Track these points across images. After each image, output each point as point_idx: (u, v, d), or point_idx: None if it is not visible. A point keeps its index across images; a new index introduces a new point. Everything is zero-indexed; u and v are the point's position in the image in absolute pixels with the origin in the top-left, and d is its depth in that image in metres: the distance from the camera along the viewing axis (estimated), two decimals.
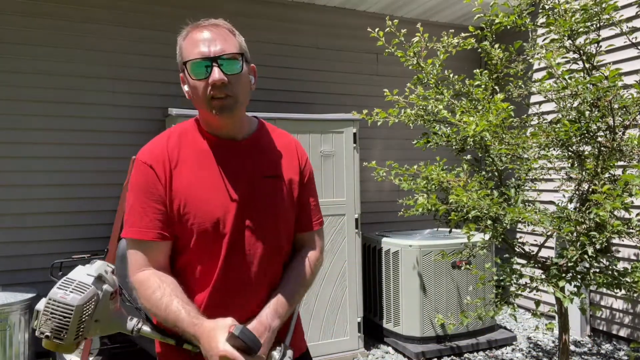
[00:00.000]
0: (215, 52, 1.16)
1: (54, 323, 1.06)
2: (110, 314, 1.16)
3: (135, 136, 4.00)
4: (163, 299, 1.12)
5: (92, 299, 1.09)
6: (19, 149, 3.67)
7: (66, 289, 1.08)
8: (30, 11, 3.71)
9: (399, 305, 3.91)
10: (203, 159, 1.24)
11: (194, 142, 1.25)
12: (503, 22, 2.69)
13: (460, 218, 2.55)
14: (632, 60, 3.80)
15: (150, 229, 1.17)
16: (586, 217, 2.29)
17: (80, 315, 1.07)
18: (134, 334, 1.17)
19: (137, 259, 1.19)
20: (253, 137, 1.32)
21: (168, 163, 1.21)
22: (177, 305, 1.11)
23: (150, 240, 1.18)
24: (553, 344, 4.07)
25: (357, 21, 4.81)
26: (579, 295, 2.39)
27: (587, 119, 2.37)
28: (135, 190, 1.21)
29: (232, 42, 1.20)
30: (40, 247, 3.71)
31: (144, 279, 1.17)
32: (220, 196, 1.22)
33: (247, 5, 4.39)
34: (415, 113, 2.98)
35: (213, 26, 1.21)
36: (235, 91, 1.18)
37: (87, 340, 3.29)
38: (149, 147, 1.25)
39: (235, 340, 1.04)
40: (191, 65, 1.17)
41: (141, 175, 1.21)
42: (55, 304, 1.06)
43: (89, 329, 1.10)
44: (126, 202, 1.23)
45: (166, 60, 4.11)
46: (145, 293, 1.15)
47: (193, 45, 1.19)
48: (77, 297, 1.06)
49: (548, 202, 4.37)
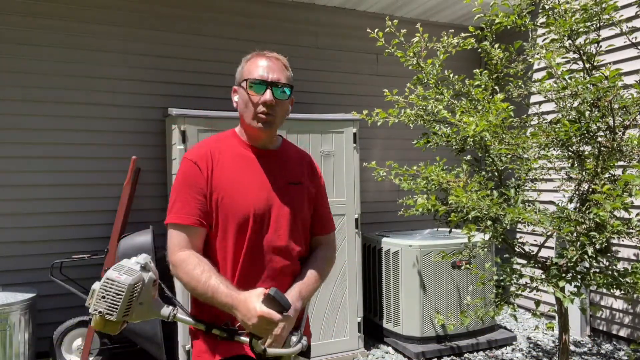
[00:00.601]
0: (272, 78, 1.43)
1: (107, 300, 1.24)
2: (151, 298, 1.33)
3: (135, 136, 4.00)
4: (203, 274, 1.31)
5: (139, 282, 1.28)
6: (19, 149, 3.67)
7: (119, 271, 1.27)
8: (30, 11, 3.72)
9: (399, 305, 3.91)
10: (240, 162, 1.47)
11: (233, 147, 1.50)
12: (503, 22, 2.69)
13: (460, 218, 2.55)
14: (632, 60, 3.80)
15: (191, 216, 1.38)
16: (586, 217, 2.29)
17: (130, 293, 1.25)
18: (170, 319, 1.34)
19: (178, 240, 1.37)
20: (280, 149, 1.57)
21: (211, 162, 1.43)
22: (215, 279, 1.30)
23: (191, 225, 1.38)
24: (553, 344, 4.07)
25: (357, 21, 4.81)
26: (579, 295, 2.39)
27: (587, 119, 2.37)
28: (180, 182, 1.43)
29: (285, 75, 1.47)
30: (40, 247, 3.71)
31: (185, 257, 1.35)
32: (254, 195, 1.44)
33: (247, 5, 4.39)
34: (415, 113, 2.98)
35: (274, 58, 1.48)
36: (277, 113, 1.44)
37: (87, 340, 3.29)
38: (196, 148, 1.49)
39: (269, 301, 1.23)
40: (250, 83, 1.43)
41: (186, 170, 1.43)
42: (111, 282, 1.25)
43: (134, 310, 1.28)
44: (171, 194, 1.44)
45: (166, 60, 4.11)
46: (187, 268, 1.33)
47: (256, 68, 1.44)
48: (129, 278, 1.25)
49: (548, 202, 4.37)
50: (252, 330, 1.26)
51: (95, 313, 1.25)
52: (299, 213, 1.52)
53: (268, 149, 1.53)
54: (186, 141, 3.32)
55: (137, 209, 3.94)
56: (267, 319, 1.22)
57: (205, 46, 4.24)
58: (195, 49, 4.20)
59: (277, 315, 1.22)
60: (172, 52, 4.13)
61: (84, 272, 3.77)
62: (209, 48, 4.24)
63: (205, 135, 3.37)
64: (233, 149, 1.49)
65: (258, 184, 1.46)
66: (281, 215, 1.46)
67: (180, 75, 4.16)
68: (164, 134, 4.07)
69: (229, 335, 1.35)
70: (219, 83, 4.28)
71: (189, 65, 4.19)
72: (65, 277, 3.60)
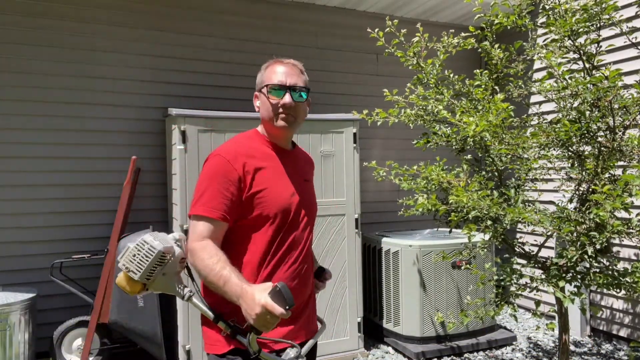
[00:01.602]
0: (290, 83, 1.55)
1: (136, 258, 1.33)
2: (174, 274, 1.40)
3: (135, 136, 4.00)
4: (218, 263, 1.37)
5: (169, 252, 1.36)
6: (19, 149, 3.67)
7: (155, 237, 1.36)
8: (30, 11, 3.72)
9: (399, 305, 3.91)
10: (270, 159, 1.58)
11: (260, 146, 1.60)
12: (503, 22, 2.69)
13: (460, 218, 2.55)
14: (632, 60, 3.80)
15: (217, 210, 1.44)
16: (586, 217, 2.29)
17: (158, 259, 1.32)
18: (185, 299, 1.40)
19: (201, 230, 1.43)
20: (294, 149, 1.72)
21: (245, 159, 1.51)
22: (228, 270, 1.36)
23: (215, 219, 1.44)
24: (553, 344, 4.07)
25: (357, 21, 4.81)
26: (579, 295, 2.39)
27: (587, 119, 2.37)
28: (209, 177, 1.48)
29: (302, 79, 1.60)
30: (40, 247, 3.71)
31: (204, 245, 1.41)
32: (286, 190, 1.56)
33: (247, 5, 4.39)
34: (415, 113, 2.98)
35: (291, 64, 1.59)
36: (296, 114, 1.57)
37: (87, 340, 3.29)
38: (227, 146, 1.55)
39: (275, 295, 1.25)
40: (271, 88, 1.55)
41: (218, 166, 1.49)
42: (145, 244, 1.33)
43: (157, 277, 1.35)
44: (197, 187, 1.50)
45: (166, 60, 4.11)
46: (203, 256, 1.39)
47: (274, 74, 1.56)
48: (161, 245, 1.34)
49: (548, 202, 4.37)
50: (254, 322, 1.29)
51: (122, 268, 1.34)
52: (315, 207, 1.72)
53: (286, 149, 1.66)
54: (186, 141, 3.32)
55: (137, 209, 3.94)
56: (270, 310, 1.25)
57: (205, 46, 4.24)
58: (195, 49, 4.20)
59: (280, 309, 1.24)
60: (172, 52, 4.13)
61: (84, 272, 3.78)
62: (209, 48, 4.24)
63: (205, 135, 3.37)
64: (261, 147, 1.60)
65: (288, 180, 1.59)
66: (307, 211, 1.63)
67: (180, 75, 4.16)
68: (164, 134, 4.07)
69: (232, 333, 1.39)
70: (219, 83, 4.28)
71: (189, 65, 4.19)
72: (65, 277, 3.60)
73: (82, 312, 3.63)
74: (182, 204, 3.32)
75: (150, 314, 3.29)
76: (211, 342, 1.52)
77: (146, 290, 1.37)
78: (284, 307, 1.25)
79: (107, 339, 3.47)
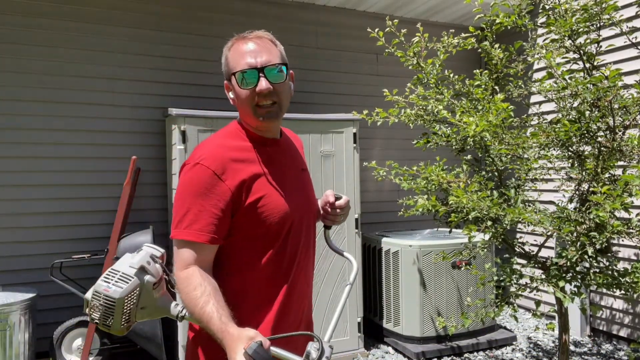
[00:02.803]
0: (261, 62, 1.25)
1: (100, 312, 1.13)
2: (155, 300, 1.20)
3: (135, 136, 4.00)
4: (202, 297, 1.15)
5: (134, 290, 1.15)
6: (19, 149, 3.67)
7: (109, 281, 1.14)
8: (30, 11, 3.71)
9: (399, 305, 3.91)
10: (262, 157, 1.33)
11: (247, 142, 1.33)
12: (503, 22, 2.68)
13: (460, 219, 2.55)
14: (632, 60, 3.80)
15: (204, 232, 1.21)
16: (586, 217, 2.29)
17: (122, 306, 1.13)
18: (179, 319, 1.21)
19: (185, 257, 1.22)
20: (284, 136, 1.46)
21: (231, 164, 1.26)
22: (212, 307, 1.14)
23: (202, 243, 1.22)
24: (553, 344, 4.07)
25: (357, 21, 4.81)
26: (579, 295, 2.39)
27: (587, 119, 2.37)
28: (191, 193, 1.23)
29: (275, 53, 1.30)
30: (40, 247, 3.71)
31: (188, 275, 1.20)
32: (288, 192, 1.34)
33: (247, 5, 4.39)
34: (415, 113, 2.98)
35: (257, 38, 1.30)
36: (279, 98, 1.29)
37: (87, 340, 3.29)
38: (208, 150, 1.27)
39: (248, 358, 1.04)
40: (239, 75, 1.26)
41: (201, 178, 1.23)
42: (99, 297, 1.13)
43: (135, 315, 1.17)
44: (176, 204, 1.25)
45: (166, 60, 4.11)
46: (187, 289, 1.18)
47: (240, 56, 1.27)
48: (119, 290, 1.12)
49: (548, 202, 4.37)
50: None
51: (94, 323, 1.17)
52: (315, 201, 1.51)
53: (276, 139, 1.41)
54: (186, 141, 3.32)
55: (137, 209, 3.94)
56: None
57: (205, 46, 4.23)
58: (195, 49, 4.20)
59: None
60: (172, 52, 4.13)
61: (84, 272, 3.77)
62: (208, 48, 4.24)
63: (205, 135, 3.36)
64: (248, 144, 1.34)
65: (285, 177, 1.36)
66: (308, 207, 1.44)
67: (180, 75, 4.16)
68: (164, 134, 4.07)
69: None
70: (219, 83, 4.27)
71: (189, 65, 4.18)
72: (65, 277, 3.60)
73: (82, 312, 3.63)
74: None
75: None
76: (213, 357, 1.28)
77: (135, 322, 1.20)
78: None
79: (107, 339, 3.47)
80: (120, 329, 1.16)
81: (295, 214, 1.35)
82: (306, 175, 1.49)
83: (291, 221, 1.34)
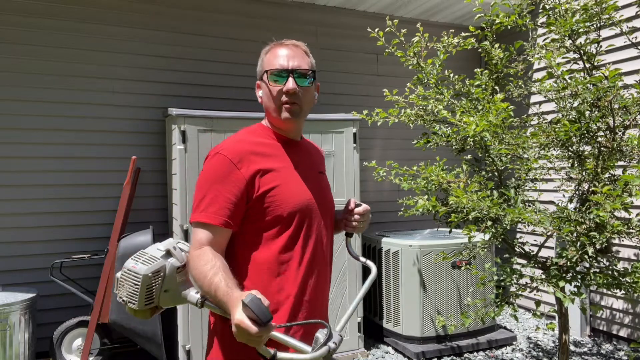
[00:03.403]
0: (292, 66, 1.40)
1: (126, 289, 1.24)
2: (178, 285, 1.29)
3: (135, 136, 4.00)
4: (211, 270, 1.22)
5: (159, 270, 1.25)
6: (19, 149, 3.67)
7: (137, 260, 1.26)
8: (30, 11, 3.72)
9: (399, 305, 3.91)
10: (279, 153, 1.44)
11: (267, 139, 1.46)
12: (504, 22, 2.69)
13: (460, 219, 2.55)
14: (632, 60, 3.80)
15: (218, 215, 1.31)
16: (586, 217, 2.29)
17: (147, 283, 1.23)
18: (198, 306, 1.29)
19: (200, 237, 1.31)
20: (304, 141, 1.60)
21: (248, 155, 1.37)
22: (220, 277, 1.21)
23: (216, 225, 1.31)
24: (553, 344, 4.07)
25: (357, 21, 4.81)
26: (579, 295, 2.39)
27: (587, 119, 2.37)
28: (210, 179, 1.35)
29: (306, 61, 1.44)
30: (40, 247, 3.71)
31: (200, 253, 1.28)
32: (299, 186, 1.43)
33: (247, 5, 4.39)
34: (415, 113, 2.98)
35: (293, 45, 1.44)
36: (302, 101, 1.42)
37: (87, 340, 3.29)
38: (229, 142, 1.40)
39: (246, 309, 1.07)
40: (271, 73, 1.40)
41: (219, 166, 1.35)
42: (127, 272, 1.24)
43: (159, 298, 1.26)
44: (196, 190, 1.37)
45: (166, 60, 4.11)
46: (198, 264, 1.25)
47: (274, 58, 1.41)
48: (144, 268, 1.23)
49: (548, 202, 4.37)
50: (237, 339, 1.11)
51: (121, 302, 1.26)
52: (331, 200, 1.58)
53: (296, 140, 1.52)
54: (186, 141, 3.32)
55: (137, 209, 3.94)
56: (244, 328, 1.07)
57: (205, 46, 4.23)
58: (195, 49, 4.20)
59: (254, 329, 1.06)
60: (172, 52, 4.13)
61: (84, 272, 3.78)
62: (208, 48, 4.24)
63: (205, 135, 3.37)
64: (267, 141, 1.45)
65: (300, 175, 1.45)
66: (323, 204, 1.50)
67: (180, 75, 4.16)
68: (164, 134, 4.07)
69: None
70: (218, 83, 4.28)
71: (189, 65, 4.19)
72: (65, 277, 3.60)
73: (82, 312, 3.63)
74: (182, 204, 3.32)
75: None
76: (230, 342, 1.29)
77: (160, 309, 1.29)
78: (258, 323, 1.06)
79: (107, 339, 3.47)
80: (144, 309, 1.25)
81: (310, 207, 1.43)
82: (324, 177, 1.59)
83: (304, 213, 1.41)
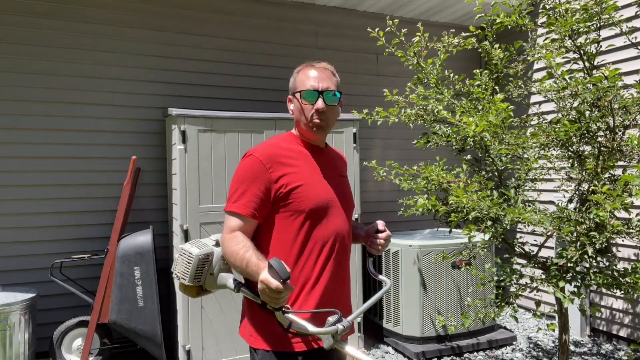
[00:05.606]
0: (322, 87, 1.63)
1: (181, 267, 1.52)
2: (221, 270, 1.57)
3: (135, 136, 4.00)
4: (243, 248, 1.47)
5: (209, 254, 1.54)
6: (19, 149, 3.67)
7: (193, 244, 1.56)
8: (31, 11, 3.72)
9: (399, 305, 3.91)
10: (304, 157, 1.67)
11: (295, 145, 1.69)
12: (504, 22, 2.68)
13: (460, 219, 2.55)
14: (632, 60, 3.80)
15: (247, 207, 1.55)
16: (586, 217, 2.29)
17: (197, 262, 1.51)
18: (235, 290, 1.53)
19: (232, 224, 1.56)
20: (329, 148, 1.82)
21: (276, 157, 1.59)
22: (250, 253, 1.46)
23: (245, 215, 1.55)
24: (553, 344, 4.07)
25: (357, 21, 4.81)
26: (579, 295, 2.39)
27: (587, 119, 2.37)
28: (242, 176, 1.59)
29: (334, 82, 1.68)
30: (40, 247, 3.71)
31: (233, 236, 1.53)
32: (321, 186, 1.64)
33: (247, 5, 4.39)
34: (415, 113, 2.98)
35: (323, 68, 1.68)
36: (329, 117, 1.65)
37: (87, 340, 3.29)
38: (261, 146, 1.64)
39: (270, 269, 1.29)
40: (304, 93, 1.63)
41: (250, 165, 1.58)
42: (183, 252, 1.53)
43: (205, 278, 1.54)
44: (231, 185, 1.61)
45: (166, 60, 4.11)
46: (230, 244, 1.51)
47: (306, 79, 1.64)
48: (197, 250, 1.53)
49: (548, 202, 4.37)
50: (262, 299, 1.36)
51: (175, 277, 1.54)
52: (351, 200, 1.79)
53: (321, 148, 1.75)
54: (186, 141, 3.32)
55: (137, 209, 3.94)
56: (266, 284, 1.30)
57: (205, 46, 4.23)
58: (195, 49, 4.20)
59: (275, 282, 1.29)
60: (172, 52, 4.13)
61: (84, 272, 3.78)
62: (208, 48, 4.24)
63: (205, 135, 3.37)
64: (295, 147, 1.68)
65: (323, 176, 1.67)
66: (344, 204, 1.71)
67: (180, 75, 4.16)
68: (164, 134, 4.07)
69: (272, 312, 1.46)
70: (219, 83, 4.28)
71: (189, 65, 4.19)
72: (65, 277, 3.60)
73: (82, 312, 3.63)
74: (182, 204, 3.32)
75: (150, 314, 3.29)
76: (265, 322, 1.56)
77: (205, 291, 1.55)
78: (279, 280, 1.28)
79: (107, 339, 3.47)
80: (193, 287, 1.54)
81: (331, 203, 1.64)
82: (345, 180, 1.80)
83: (325, 208, 1.62)
